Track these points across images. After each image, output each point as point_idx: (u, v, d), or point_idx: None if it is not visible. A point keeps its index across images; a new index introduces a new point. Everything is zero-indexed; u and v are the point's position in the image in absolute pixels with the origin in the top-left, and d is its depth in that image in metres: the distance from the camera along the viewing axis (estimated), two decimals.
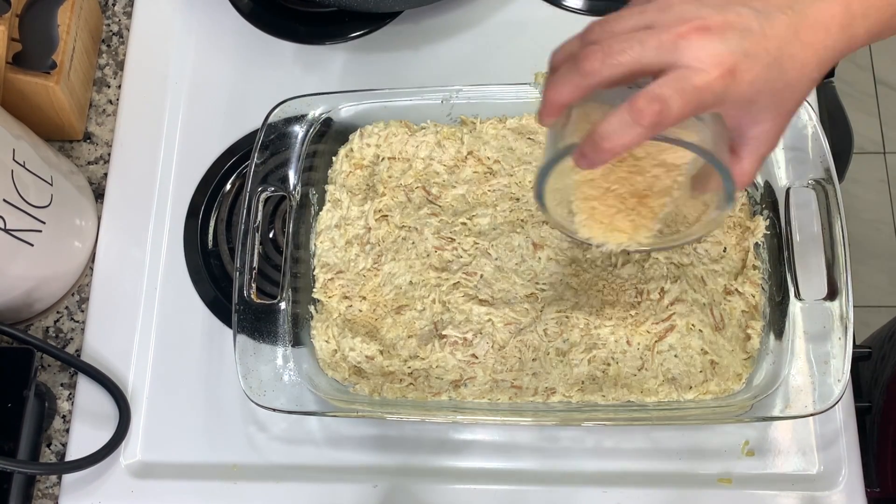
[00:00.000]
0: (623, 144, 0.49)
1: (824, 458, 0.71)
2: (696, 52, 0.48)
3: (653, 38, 0.48)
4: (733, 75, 0.48)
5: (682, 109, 0.48)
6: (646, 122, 0.48)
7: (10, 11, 0.73)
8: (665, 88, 0.47)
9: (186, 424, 0.76)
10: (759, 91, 0.50)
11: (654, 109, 0.47)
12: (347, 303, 0.74)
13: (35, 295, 0.77)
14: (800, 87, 0.51)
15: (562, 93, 0.51)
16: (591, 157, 0.50)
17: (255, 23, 0.89)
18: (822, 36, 0.50)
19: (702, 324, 0.71)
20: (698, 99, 0.48)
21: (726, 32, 0.48)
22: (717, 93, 0.48)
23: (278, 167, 0.76)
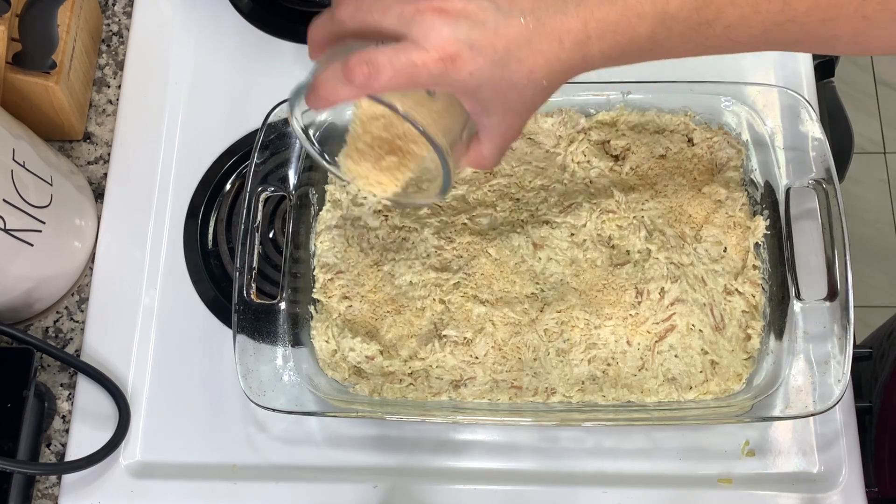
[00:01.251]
0: (334, 95, 0.51)
1: (824, 459, 0.71)
2: (426, 30, 0.49)
3: (397, 6, 0.50)
4: (453, 62, 0.50)
5: (391, 79, 0.50)
6: (355, 81, 0.50)
7: (10, 11, 0.73)
8: (381, 56, 0.49)
9: (186, 424, 0.76)
10: (479, 84, 0.51)
11: (363, 71, 0.49)
12: (347, 303, 0.74)
13: (35, 295, 0.77)
14: (527, 91, 0.52)
15: (316, 32, 0.54)
16: (311, 100, 0.53)
17: (255, 23, 0.89)
18: (555, 47, 0.51)
19: (702, 324, 0.71)
20: (410, 74, 0.50)
21: (460, 20, 0.50)
22: (434, 74, 0.50)
23: (278, 167, 0.76)
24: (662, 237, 0.73)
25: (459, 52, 0.49)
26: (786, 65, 0.83)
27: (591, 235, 0.74)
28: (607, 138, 0.77)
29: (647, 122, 0.77)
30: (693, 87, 0.76)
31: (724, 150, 0.76)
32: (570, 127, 0.77)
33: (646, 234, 0.73)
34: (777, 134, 0.75)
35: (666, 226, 0.74)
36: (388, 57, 0.49)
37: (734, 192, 0.74)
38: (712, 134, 0.77)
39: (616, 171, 0.77)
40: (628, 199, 0.74)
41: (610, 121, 0.78)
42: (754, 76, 0.82)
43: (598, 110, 0.77)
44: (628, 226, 0.74)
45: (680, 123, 0.77)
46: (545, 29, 0.51)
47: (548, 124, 0.77)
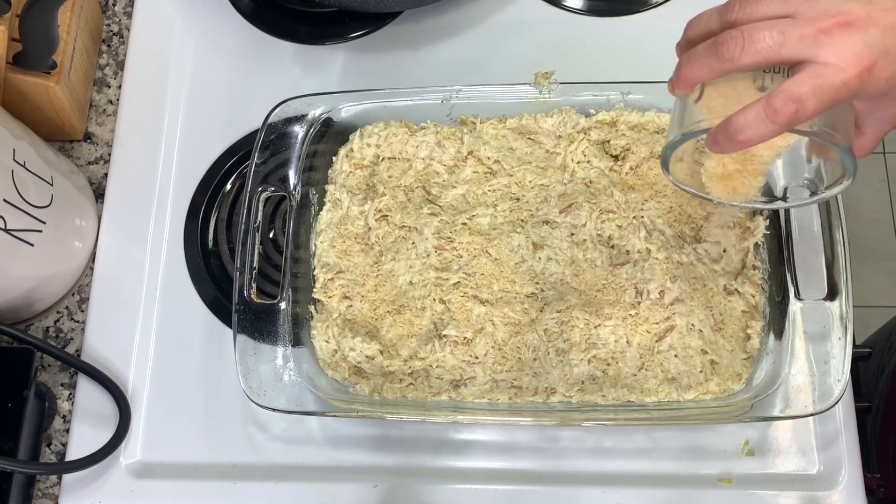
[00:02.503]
0: (756, 138, 0.50)
1: (824, 458, 0.71)
2: (838, 48, 0.48)
3: (794, 30, 0.48)
4: (871, 73, 0.48)
5: (817, 108, 0.48)
6: (781, 120, 0.49)
7: (10, 11, 0.73)
8: (803, 88, 0.48)
9: (186, 424, 0.76)
10: (893, 86, 0.50)
11: (790, 110, 0.48)
12: (347, 303, 0.74)
13: (35, 295, 0.77)
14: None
15: (698, 72, 0.52)
16: (724, 145, 0.51)
17: (255, 23, 0.89)
18: None
19: (702, 324, 0.71)
20: (834, 97, 0.48)
21: (869, 28, 0.48)
22: (853, 89, 0.48)
23: (278, 167, 0.76)
24: (662, 237, 0.73)
25: (876, 61, 0.48)
26: None
27: (591, 235, 0.74)
28: (607, 138, 0.77)
29: (647, 122, 0.77)
30: None
31: None
32: (570, 127, 0.77)
33: (645, 234, 0.73)
34: None
35: (666, 226, 0.74)
36: (809, 86, 0.48)
37: None
38: None
39: (616, 170, 0.77)
40: (628, 199, 0.74)
41: (610, 121, 0.78)
42: None
43: (598, 110, 0.77)
44: (628, 226, 0.74)
45: None
46: None
47: (548, 124, 0.77)
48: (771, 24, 0.49)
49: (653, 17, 0.86)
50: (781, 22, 0.49)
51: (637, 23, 0.86)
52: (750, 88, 0.53)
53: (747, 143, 0.51)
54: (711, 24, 0.53)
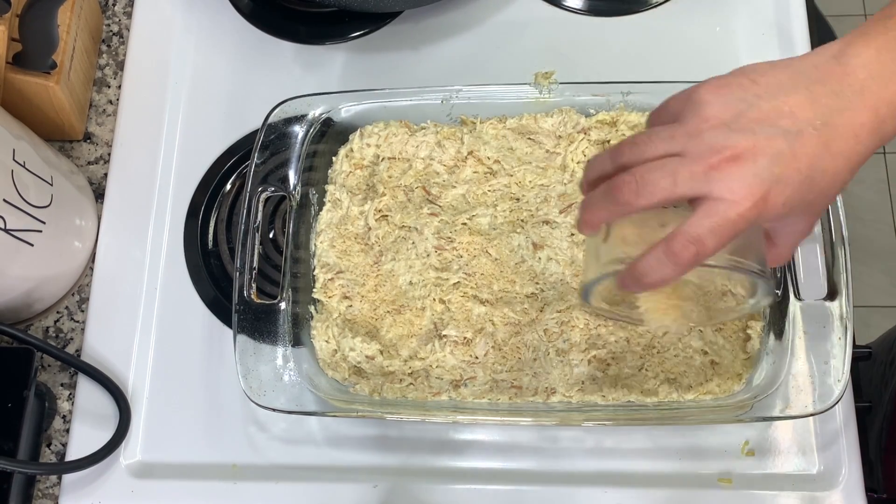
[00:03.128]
0: (662, 281, 0.51)
1: (824, 458, 0.71)
2: (729, 183, 0.48)
3: (684, 169, 0.49)
4: (766, 202, 0.49)
5: (717, 245, 0.49)
6: (682, 262, 0.50)
7: (10, 11, 0.73)
8: (700, 228, 0.49)
9: (186, 424, 0.76)
10: (792, 208, 0.50)
11: (690, 252, 0.49)
12: (347, 303, 0.74)
13: (35, 295, 0.77)
14: (832, 192, 0.52)
15: (598, 216, 0.54)
16: (633, 287, 0.53)
17: (255, 23, 0.89)
18: (852, 143, 0.50)
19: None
20: (732, 231, 0.49)
21: (757, 159, 0.49)
22: (751, 220, 0.49)
23: (278, 167, 0.76)
24: None
25: (769, 189, 0.49)
26: None
27: None
28: (607, 138, 0.77)
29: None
30: None
31: None
32: (570, 127, 0.77)
33: None
34: None
35: None
36: (705, 226, 0.49)
37: None
38: None
39: None
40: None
41: (610, 121, 0.78)
42: None
43: (598, 110, 0.77)
44: None
45: None
46: (837, 131, 0.50)
47: (548, 124, 0.77)
48: (661, 164, 0.50)
49: (653, 17, 0.86)
50: (671, 161, 0.50)
51: (637, 23, 0.86)
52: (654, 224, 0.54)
53: (655, 286, 0.52)
54: (605, 167, 0.54)
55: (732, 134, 0.49)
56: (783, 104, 0.50)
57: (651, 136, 0.52)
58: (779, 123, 0.49)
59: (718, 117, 0.50)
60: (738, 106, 0.50)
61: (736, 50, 0.84)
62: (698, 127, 0.50)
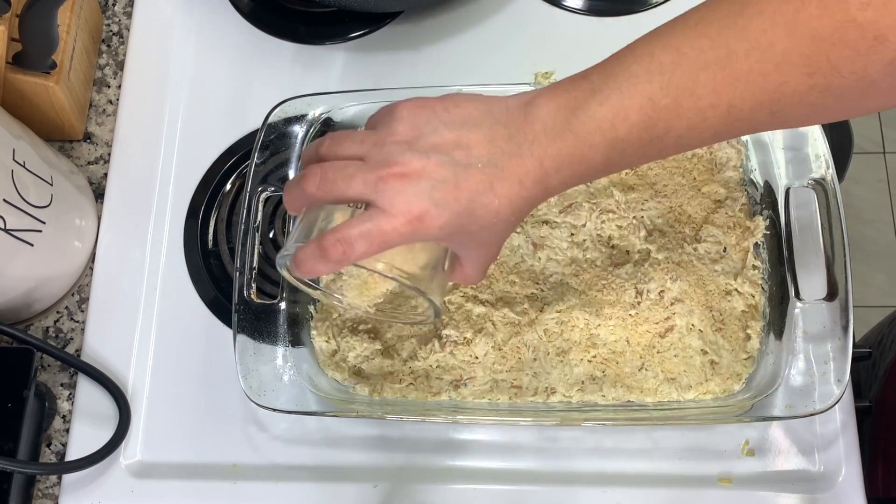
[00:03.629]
0: (315, 272, 0.55)
1: (824, 458, 0.71)
2: (391, 196, 0.52)
3: (360, 174, 0.53)
4: (421, 221, 0.52)
5: (366, 250, 0.52)
6: (331, 258, 0.53)
7: (10, 11, 0.73)
8: (353, 231, 0.52)
9: (186, 424, 0.76)
10: (451, 233, 0.53)
11: (339, 250, 0.52)
12: None
13: (35, 295, 0.77)
14: (497, 228, 0.55)
15: (291, 198, 0.57)
16: (297, 272, 0.56)
17: (255, 23, 0.89)
18: (516, 188, 0.53)
19: (701, 324, 0.71)
20: (383, 241, 0.52)
21: (421, 180, 0.52)
22: (405, 235, 0.52)
23: (278, 167, 0.76)
24: (662, 237, 0.73)
25: (426, 210, 0.52)
26: None
27: (591, 235, 0.74)
28: None
29: None
30: None
31: (724, 150, 0.76)
32: None
33: (645, 234, 0.73)
34: (777, 134, 0.75)
35: (666, 226, 0.74)
36: (358, 230, 0.52)
37: (734, 192, 0.74)
38: None
39: None
40: (628, 199, 0.74)
41: None
42: None
43: None
44: (628, 226, 0.74)
45: None
46: (504, 174, 0.52)
47: None
48: (345, 164, 0.54)
49: (653, 17, 0.86)
50: (354, 164, 0.54)
51: (637, 23, 0.86)
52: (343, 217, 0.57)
53: (310, 275, 0.56)
54: (312, 153, 0.58)
55: (408, 153, 0.52)
56: (463, 137, 0.53)
57: (350, 136, 0.56)
58: (452, 153, 0.52)
59: (403, 134, 0.53)
60: (424, 128, 0.53)
61: None
62: (384, 139, 0.54)
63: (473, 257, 0.58)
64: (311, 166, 0.56)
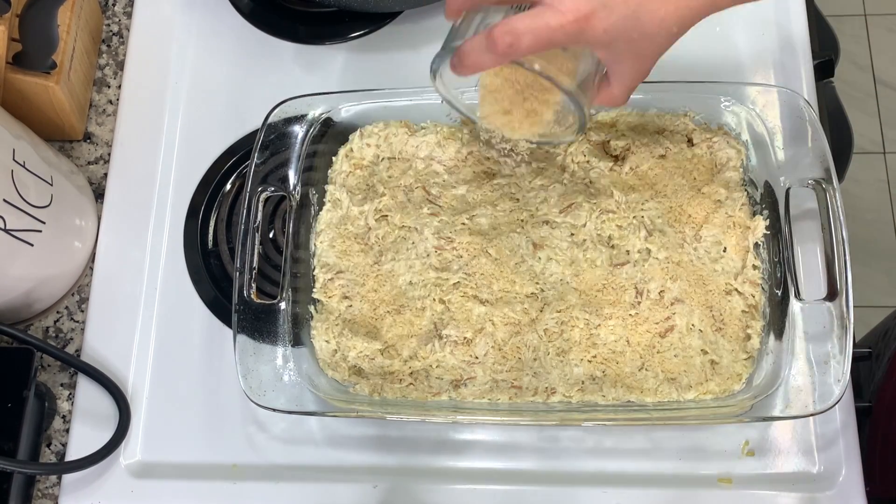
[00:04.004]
0: (480, 63, 0.55)
1: (824, 458, 0.71)
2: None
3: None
4: (588, 21, 0.52)
5: (532, 45, 0.52)
6: (498, 50, 0.53)
7: (10, 11, 0.73)
8: (521, 24, 0.52)
9: (186, 424, 0.76)
10: (613, 38, 0.54)
11: (506, 41, 0.52)
12: (347, 303, 0.74)
13: (35, 295, 0.77)
14: (658, 39, 0.55)
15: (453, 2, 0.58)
16: (458, 67, 0.56)
17: (255, 23, 0.89)
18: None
19: (702, 324, 0.71)
20: (549, 38, 0.52)
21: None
22: (570, 34, 0.52)
23: (278, 167, 0.76)
24: (662, 237, 0.73)
25: (594, 10, 0.52)
26: (785, 65, 0.83)
27: (591, 235, 0.74)
28: (607, 138, 0.77)
29: (646, 123, 0.77)
30: (693, 88, 0.76)
31: (724, 150, 0.76)
32: None
33: (646, 234, 0.73)
34: (777, 134, 0.75)
35: (666, 226, 0.74)
36: (527, 24, 0.52)
37: (734, 192, 0.74)
38: (712, 134, 0.77)
39: (616, 171, 0.77)
40: (628, 199, 0.74)
41: (610, 121, 0.78)
42: (754, 76, 0.83)
43: (598, 110, 0.77)
44: (628, 226, 0.74)
45: (679, 123, 0.77)
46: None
47: None
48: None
49: None
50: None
51: None
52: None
53: (473, 68, 0.55)
54: None
55: None
56: None
57: None
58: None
59: None
60: None
61: (736, 50, 0.84)
62: None
63: (625, 72, 0.58)
64: None
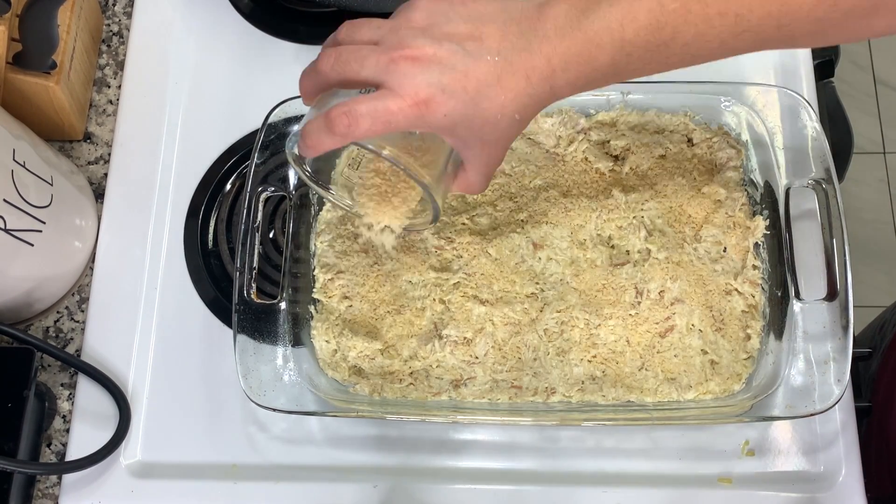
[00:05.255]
0: (320, 144, 0.55)
1: (824, 458, 0.71)
2: (401, 78, 0.52)
3: (373, 56, 0.54)
4: (427, 105, 0.52)
5: (371, 128, 0.53)
6: (336, 131, 0.53)
7: (10, 11, 0.73)
8: (360, 106, 0.53)
9: (186, 424, 0.76)
10: (455, 123, 0.54)
11: (343, 122, 0.53)
12: (347, 303, 0.74)
13: (35, 295, 0.77)
14: (501, 124, 0.55)
15: (304, 82, 0.58)
16: (301, 149, 0.57)
17: (255, 23, 0.89)
18: (522, 83, 0.54)
19: (702, 324, 0.71)
20: (388, 120, 0.53)
21: (432, 65, 0.52)
22: (410, 118, 0.53)
23: (278, 167, 0.76)
24: (662, 237, 0.73)
25: (433, 95, 0.52)
26: (785, 65, 0.83)
27: (591, 235, 0.74)
28: (607, 138, 0.77)
29: (646, 123, 0.77)
30: (693, 88, 0.76)
31: (724, 150, 0.76)
32: (570, 127, 0.77)
33: (646, 234, 0.73)
34: (777, 134, 0.75)
35: (666, 226, 0.74)
36: (365, 106, 0.52)
37: (734, 192, 0.74)
38: (712, 134, 0.77)
39: (616, 171, 0.77)
40: (628, 199, 0.74)
41: (610, 121, 0.78)
42: (754, 76, 0.82)
43: (598, 110, 0.77)
44: (628, 226, 0.74)
45: (680, 123, 0.77)
46: (512, 67, 0.53)
47: (548, 124, 0.77)
48: (359, 48, 0.55)
49: None
50: (367, 48, 0.54)
51: None
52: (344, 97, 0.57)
53: (315, 149, 0.55)
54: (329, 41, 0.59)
55: (421, 38, 0.53)
56: (476, 30, 0.54)
57: (367, 22, 0.56)
58: (464, 44, 0.53)
59: (419, 21, 0.54)
60: (439, 18, 0.54)
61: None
62: (400, 24, 0.55)
63: (477, 159, 0.59)
64: (328, 49, 0.56)
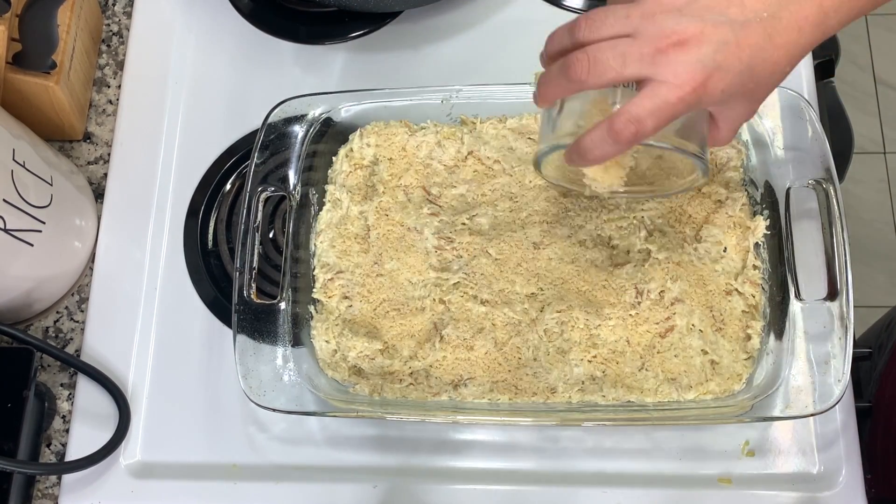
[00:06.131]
0: (604, 156, 0.54)
1: (824, 458, 0.71)
2: (673, 67, 0.51)
3: (634, 50, 0.51)
4: (705, 87, 0.51)
5: (656, 125, 0.52)
6: (623, 140, 0.52)
7: (10, 11, 0.73)
8: (641, 109, 0.51)
9: (186, 424, 0.76)
10: (731, 95, 0.53)
11: (630, 130, 0.51)
12: (347, 303, 0.74)
13: (35, 295, 0.77)
14: (771, 82, 0.54)
15: (553, 91, 0.56)
16: (578, 162, 0.56)
17: (255, 23, 0.89)
18: (795, 37, 0.52)
19: (702, 324, 0.71)
20: (671, 113, 0.51)
21: (702, 45, 0.51)
22: (690, 104, 0.51)
23: (278, 167, 0.76)
24: (662, 237, 0.73)
25: (709, 75, 0.51)
26: None
27: (591, 235, 0.74)
28: None
29: None
30: None
31: (724, 150, 0.76)
32: None
33: (646, 234, 0.73)
34: (777, 134, 0.75)
35: (666, 226, 0.74)
36: (646, 107, 0.51)
37: (734, 192, 0.74)
38: None
39: None
40: (628, 200, 0.74)
41: None
42: None
43: None
44: (628, 226, 0.74)
45: None
46: (782, 24, 0.52)
47: None
48: (613, 44, 0.52)
49: None
50: (622, 42, 0.52)
51: None
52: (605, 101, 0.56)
53: (597, 161, 0.54)
54: (564, 41, 0.56)
55: (682, 19, 0.51)
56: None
57: (608, 14, 0.53)
58: (727, 12, 0.51)
59: (672, 2, 0.52)
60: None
61: None
62: (652, 9, 0.52)
63: (736, 116, 0.57)
64: (575, 53, 0.53)
